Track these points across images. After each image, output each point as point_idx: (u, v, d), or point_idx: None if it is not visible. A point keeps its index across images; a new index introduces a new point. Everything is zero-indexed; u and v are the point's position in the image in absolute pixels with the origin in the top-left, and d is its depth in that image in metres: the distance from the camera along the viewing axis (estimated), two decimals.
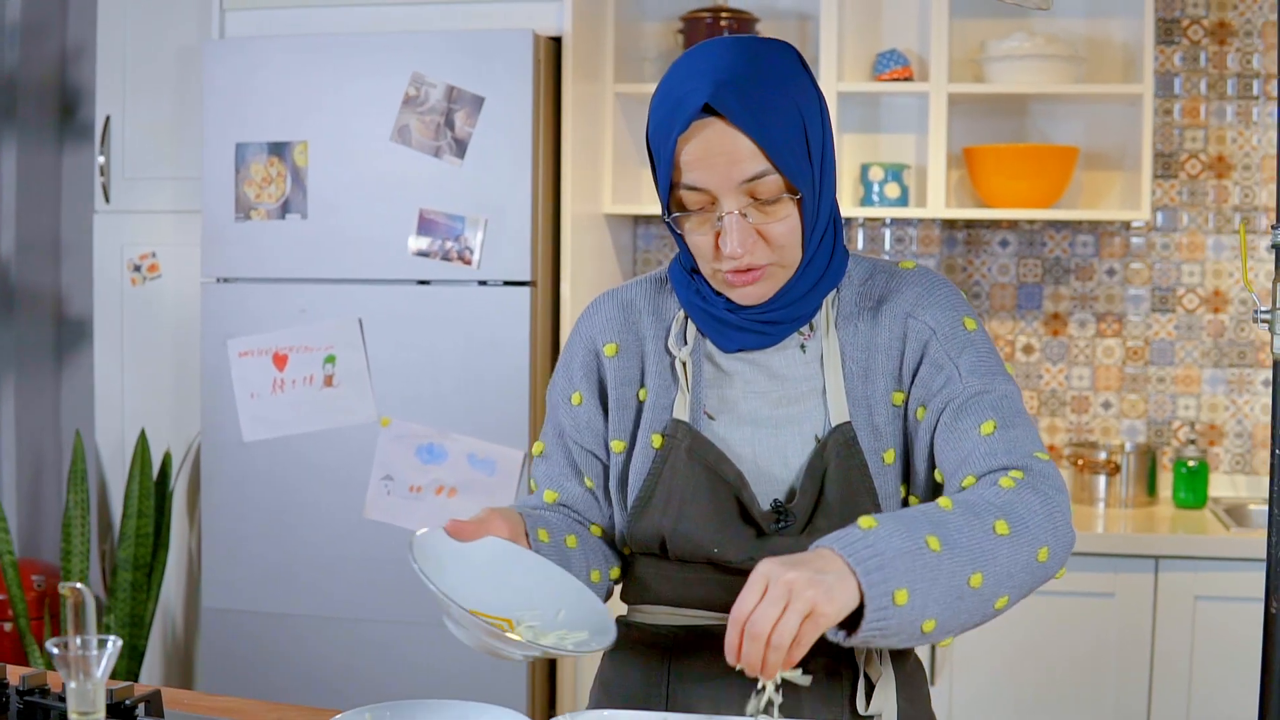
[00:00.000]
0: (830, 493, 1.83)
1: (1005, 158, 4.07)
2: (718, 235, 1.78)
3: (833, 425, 1.85)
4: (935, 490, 1.87)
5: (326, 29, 3.96)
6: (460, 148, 3.73)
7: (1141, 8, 4.04)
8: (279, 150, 3.83)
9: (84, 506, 4.25)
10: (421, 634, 3.80)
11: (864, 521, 1.61)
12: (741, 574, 1.85)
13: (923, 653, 3.60)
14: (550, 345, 3.90)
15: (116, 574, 4.23)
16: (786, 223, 1.78)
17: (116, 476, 4.40)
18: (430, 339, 3.79)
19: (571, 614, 1.78)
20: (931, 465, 1.85)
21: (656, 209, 4.22)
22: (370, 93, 3.78)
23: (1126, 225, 4.28)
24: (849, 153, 4.28)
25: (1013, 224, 4.33)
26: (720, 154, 1.74)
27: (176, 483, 4.36)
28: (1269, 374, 4.21)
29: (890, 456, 1.87)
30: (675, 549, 1.88)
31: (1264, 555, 3.64)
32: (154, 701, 1.89)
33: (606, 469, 2.01)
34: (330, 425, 3.84)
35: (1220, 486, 4.24)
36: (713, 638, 1.88)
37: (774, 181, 1.75)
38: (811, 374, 1.89)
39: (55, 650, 1.33)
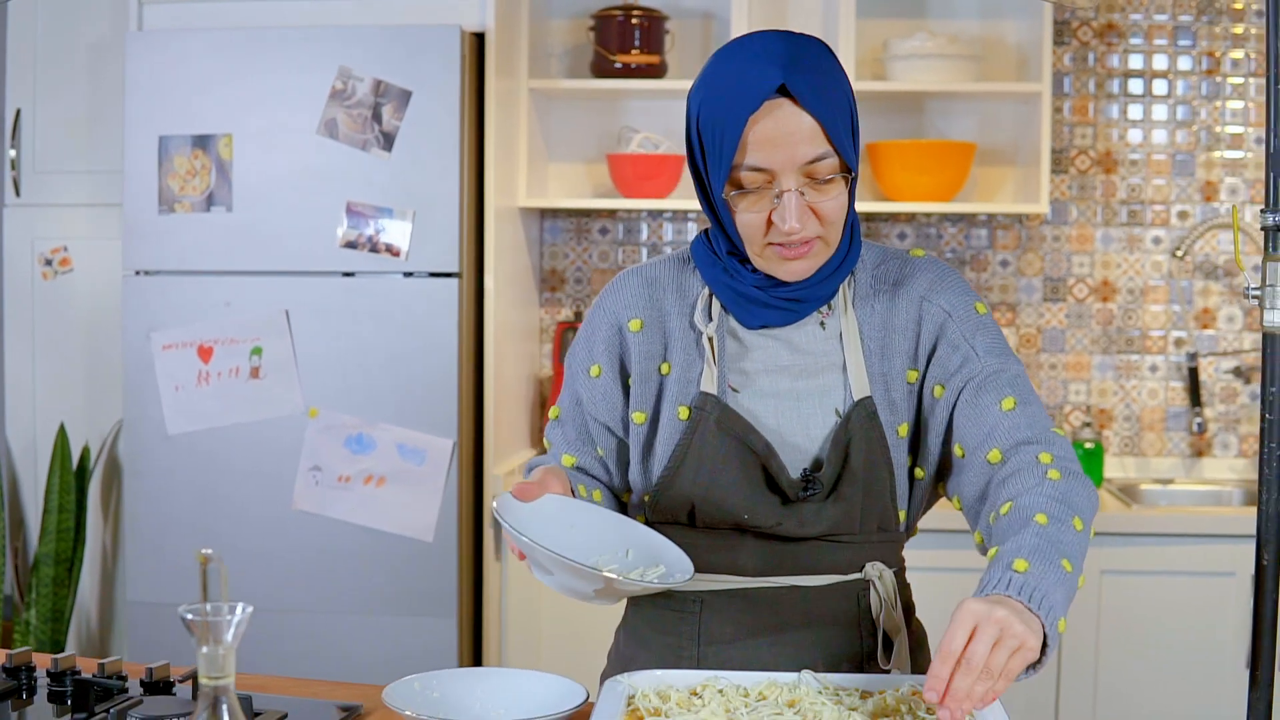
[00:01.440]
0: (854, 462, 1.94)
1: (908, 153, 4.22)
2: (770, 213, 1.88)
3: (854, 400, 1.96)
4: (945, 462, 1.99)
5: (247, 21, 3.97)
6: (388, 141, 3.78)
7: (1034, 9, 4.21)
8: (203, 143, 3.84)
9: None
10: (352, 623, 3.84)
11: (1018, 564, 1.69)
12: (769, 539, 1.95)
13: None
14: (474, 335, 3.96)
15: (38, 569, 4.20)
16: (838, 200, 1.89)
17: (26, 471, 4.37)
18: (358, 330, 3.83)
19: (640, 553, 1.91)
20: (945, 439, 1.98)
21: (564, 203, 4.32)
22: (296, 86, 3.81)
23: (1020, 219, 4.45)
24: None
25: (910, 217, 4.49)
26: (789, 134, 1.84)
27: (93, 477, 4.34)
28: (1155, 360, 4.43)
29: (904, 430, 2.00)
30: (704, 516, 1.97)
31: (1164, 531, 3.84)
32: (197, 678, 1.93)
33: (619, 441, 2.10)
34: (257, 417, 3.86)
35: (1110, 468, 4.43)
36: (741, 600, 1.99)
37: (832, 163, 1.86)
38: (830, 349, 2.00)
39: (189, 616, 1.38)
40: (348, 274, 3.83)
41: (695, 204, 4.29)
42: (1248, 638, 3.76)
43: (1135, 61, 4.43)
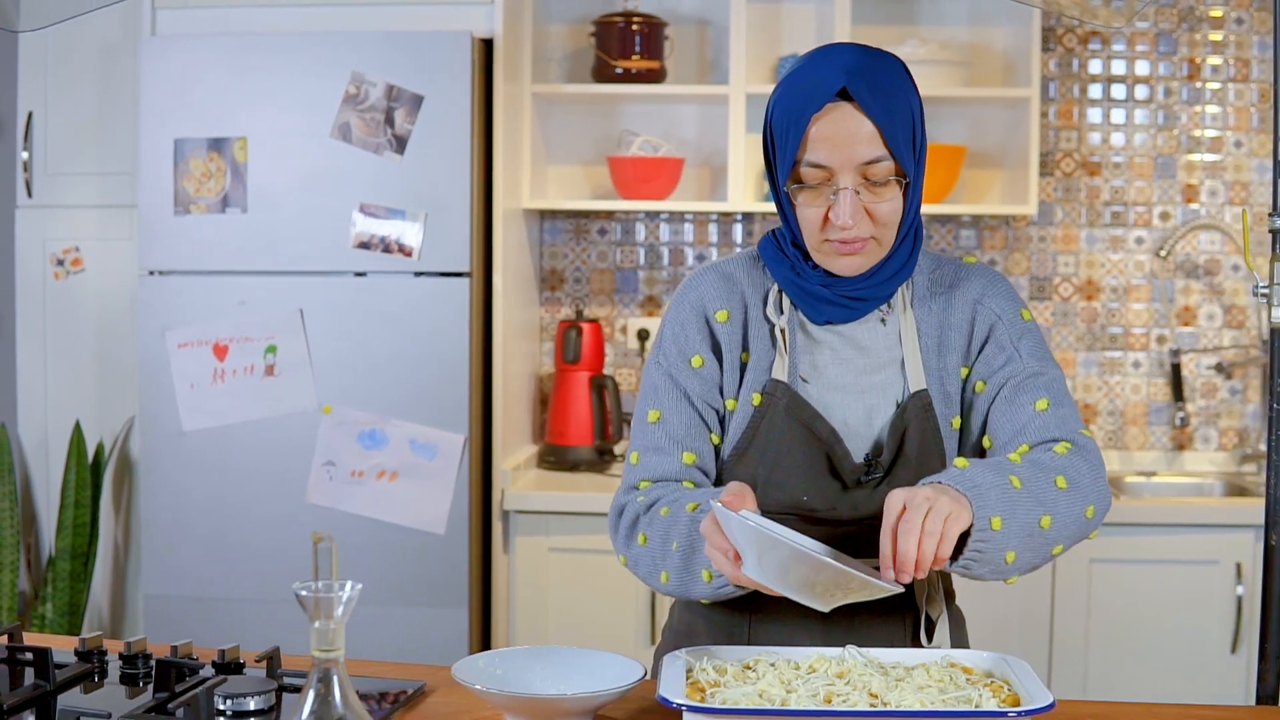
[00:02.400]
0: (909, 449, 2.09)
1: None
2: (828, 210, 2.01)
3: (911, 392, 2.10)
4: (978, 454, 2.13)
5: (260, 28, 4.07)
6: (400, 144, 3.88)
7: (1022, 17, 4.35)
8: (218, 146, 3.93)
9: (12, 499, 4.30)
10: (365, 614, 3.94)
11: (959, 462, 1.92)
12: (824, 523, 2.07)
13: None
14: (483, 333, 4.07)
15: (55, 564, 4.29)
16: (891, 203, 2.03)
17: (39, 468, 4.45)
18: (370, 328, 3.93)
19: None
20: (982, 432, 2.13)
21: (564, 204, 4.43)
22: (310, 90, 3.91)
23: (1007, 220, 4.59)
24: (753, 152, 4.51)
25: None
26: (847, 134, 1.98)
27: (106, 473, 4.43)
28: (1138, 356, 4.57)
29: (956, 423, 2.15)
30: (765, 497, 2.09)
31: (1151, 521, 3.97)
32: (274, 658, 2.04)
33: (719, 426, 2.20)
34: (271, 414, 3.96)
35: None
36: None
37: (887, 166, 2.00)
38: (891, 345, 2.14)
39: (303, 593, 1.48)
40: (360, 274, 3.93)
41: (692, 205, 4.42)
42: (1232, 623, 3.92)
43: (1118, 67, 4.57)
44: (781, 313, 2.15)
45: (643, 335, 4.66)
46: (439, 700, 2.02)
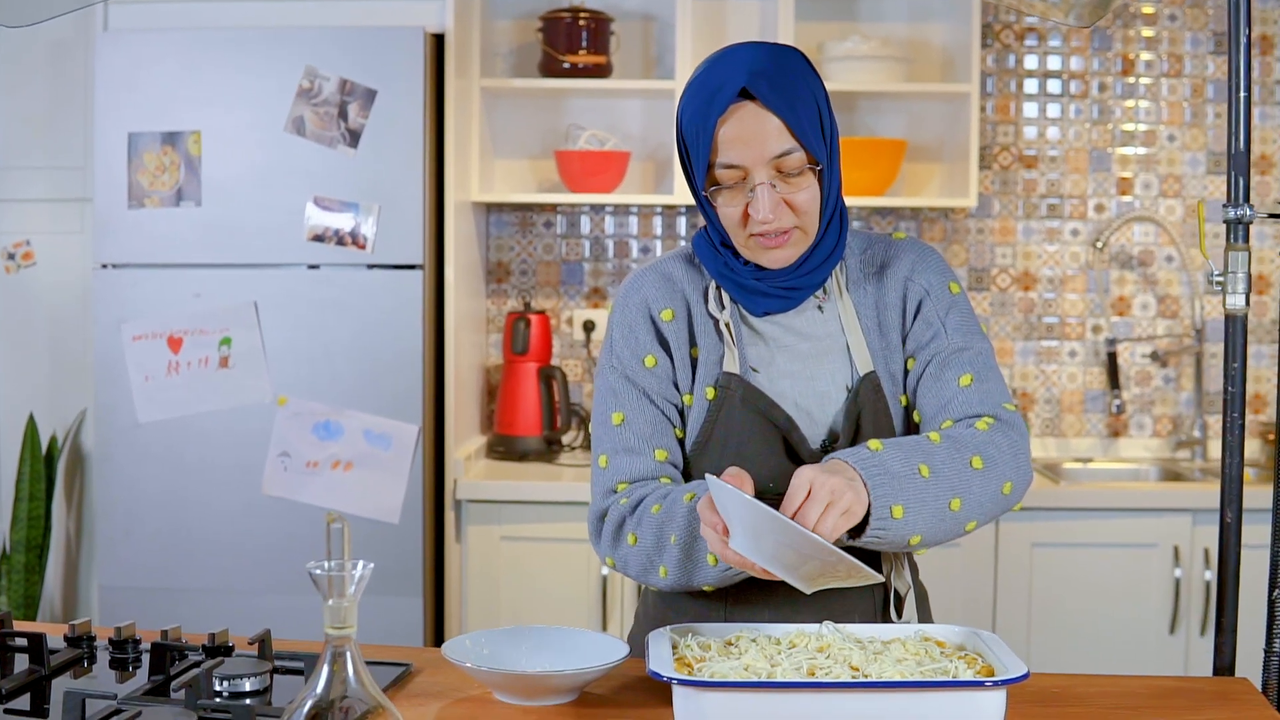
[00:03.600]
0: (866, 432, 2.15)
1: (843, 150, 4.40)
2: (747, 206, 2.07)
3: (860, 375, 2.17)
4: (912, 431, 2.20)
5: (214, 23, 4.10)
6: (354, 138, 3.92)
7: (960, 13, 4.45)
8: (172, 140, 3.96)
9: None
10: (319, 602, 3.98)
11: (873, 444, 1.97)
12: None
13: None
14: (435, 325, 4.12)
15: (9, 557, 4.30)
16: (808, 192, 2.08)
17: None
18: (324, 320, 3.97)
19: None
20: (910, 409, 2.20)
21: (513, 197, 4.47)
22: (264, 85, 3.94)
23: (946, 212, 4.68)
24: None
25: None
26: (754, 132, 2.03)
27: (58, 466, 4.44)
28: (1074, 345, 4.68)
29: (905, 400, 2.20)
30: None
31: (1090, 506, 4.07)
32: (265, 641, 2.09)
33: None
34: (226, 405, 3.99)
35: (1033, 449, 4.68)
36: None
37: (799, 157, 2.05)
38: (832, 332, 2.20)
39: (316, 572, 1.54)
40: (314, 266, 3.97)
41: (638, 198, 4.48)
42: (1170, 604, 4.03)
43: (1054, 63, 4.68)
44: (723, 307, 2.20)
45: (588, 326, 4.72)
46: (427, 680, 2.08)
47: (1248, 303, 2.14)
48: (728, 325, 2.19)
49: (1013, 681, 1.74)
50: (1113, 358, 4.63)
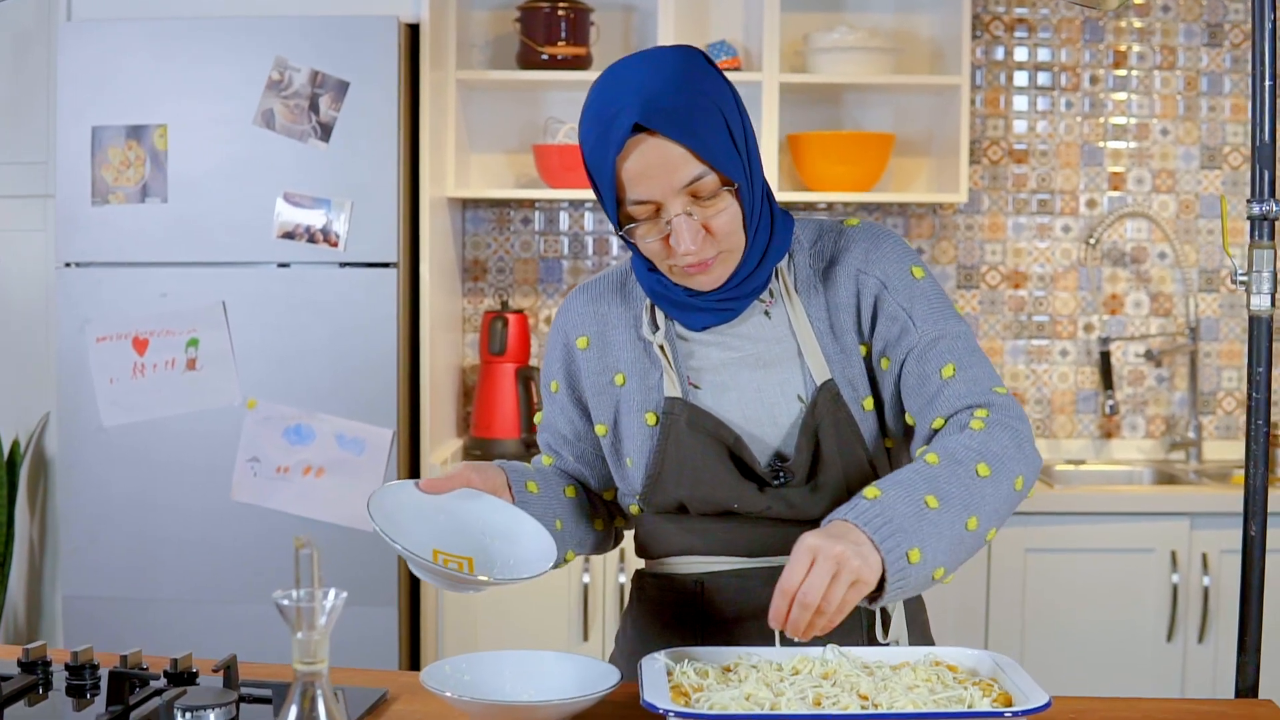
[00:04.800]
0: (827, 447, 2.01)
1: (830, 145, 4.31)
2: (667, 237, 1.92)
3: (816, 385, 2.02)
4: (908, 431, 2.06)
5: (181, 12, 3.95)
6: (325, 131, 3.79)
7: (948, 2, 4.34)
8: (137, 134, 3.82)
9: None
10: None
11: (869, 492, 1.79)
12: (761, 520, 2.02)
13: None
14: (410, 325, 3.99)
15: None
16: (728, 212, 1.93)
17: None
18: (295, 321, 3.84)
19: (503, 544, 2.00)
20: (901, 409, 2.04)
21: (487, 193, 4.35)
22: (232, 77, 3.81)
23: (934, 208, 4.57)
24: None
25: (829, 207, 4.58)
26: (658, 166, 1.88)
27: (20, 471, 4.30)
28: (1065, 344, 4.57)
29: (869, 404, 2.05)
30: (697, 509, 2.04)
31: (1084, 510, 3.98)
32: (231, 667, 1.96)
33: (583, 448, 2.19)
34: (194, 409, 3.85)
35: None
36: (739, 579, 2.06)
37: (711, 180, 1.89)
38: (782, 336, 2.05)
39: (284, 602, 1.41)
40: (284, 265, 3.84)
41: None
42: (1168, 611, 3.93)
43: (1044, 55, 4.56)
44: (658, 328, 2.08)
45: None
46: (404, 709, 1.95)
47: (1274, 303, 2.02)
48: (662, 348, 2.07)
49: (1034, 712, 1.62)
50: (1105, 357, 4.52)
